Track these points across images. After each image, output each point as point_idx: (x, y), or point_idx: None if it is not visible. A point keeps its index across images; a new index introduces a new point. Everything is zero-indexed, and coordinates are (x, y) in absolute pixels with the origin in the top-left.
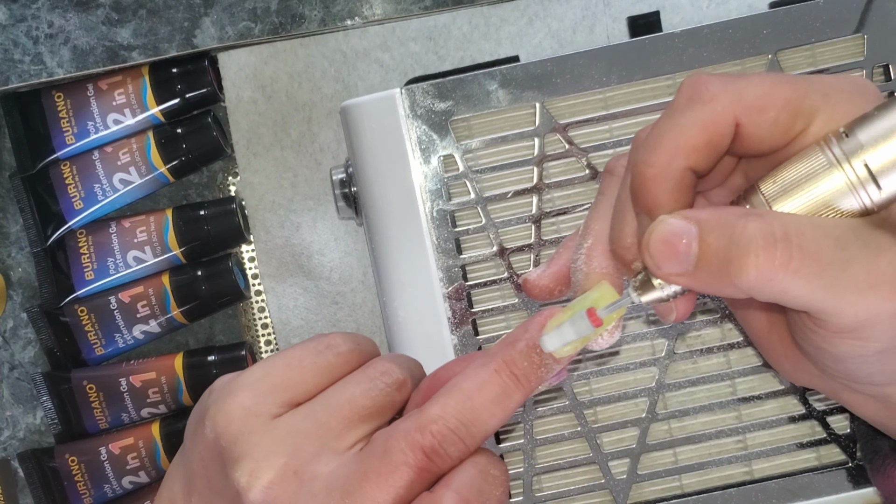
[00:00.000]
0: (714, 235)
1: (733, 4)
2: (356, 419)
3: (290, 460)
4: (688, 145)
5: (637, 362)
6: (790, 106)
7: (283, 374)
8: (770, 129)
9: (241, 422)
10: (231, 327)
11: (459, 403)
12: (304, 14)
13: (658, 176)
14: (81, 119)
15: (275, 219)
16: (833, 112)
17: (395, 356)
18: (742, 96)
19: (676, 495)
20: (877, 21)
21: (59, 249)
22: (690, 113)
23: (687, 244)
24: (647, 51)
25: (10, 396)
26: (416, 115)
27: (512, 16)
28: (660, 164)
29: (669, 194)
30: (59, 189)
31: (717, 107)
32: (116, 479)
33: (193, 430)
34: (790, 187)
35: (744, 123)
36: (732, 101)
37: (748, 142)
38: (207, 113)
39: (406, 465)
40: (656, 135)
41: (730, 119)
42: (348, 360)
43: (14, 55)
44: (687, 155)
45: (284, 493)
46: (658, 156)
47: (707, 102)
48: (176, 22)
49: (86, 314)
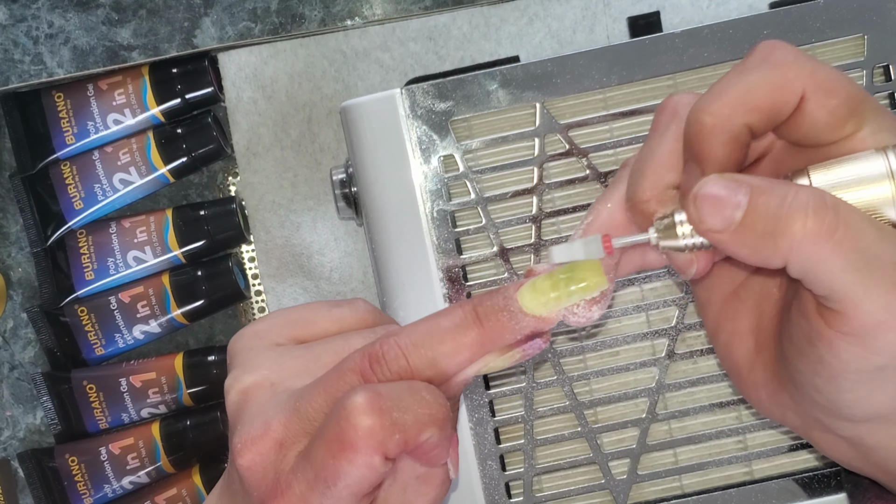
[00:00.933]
0: (765, 197)
1: (733, 4)
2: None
3: (270, 374)
4: (752, 102)
5: (637, 362)
6: (851, 102)
7: (298, 313)
8: (827, 117)
9: (247, 340)
10: (231, 327)
11: (416, 327)
12: (304, 14)
13: (717, 126)
14: (81, 119)
15: (275, 219)
16: (882, 126)
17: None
18: (815, 72)
19: (677, 495)
20: (877, 21)
21: (59, 249)
22: (762, 72)
23: (736, 203)
24: (647, 51)
25: (10, 396)
26: (416, 116)
27: (512, 16)
28: (721, 114)
29: (724, 147)
30: (59, 189)
31: (789, 73)
32: (117, 479)
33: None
34: (841, 184)
35: (808, 99)
36: (805, 73)
37: (803, 122)
38: (207, 113)
39: (351, 371)
40: (720, 87)
41: (798, 89)
42: (363, 318)
43: (14, 55)
44: (749, 111)
45: (256, 398)
46: (721, 106)
47: (780, 65)
48: (176, 22)
49: (86, 314)
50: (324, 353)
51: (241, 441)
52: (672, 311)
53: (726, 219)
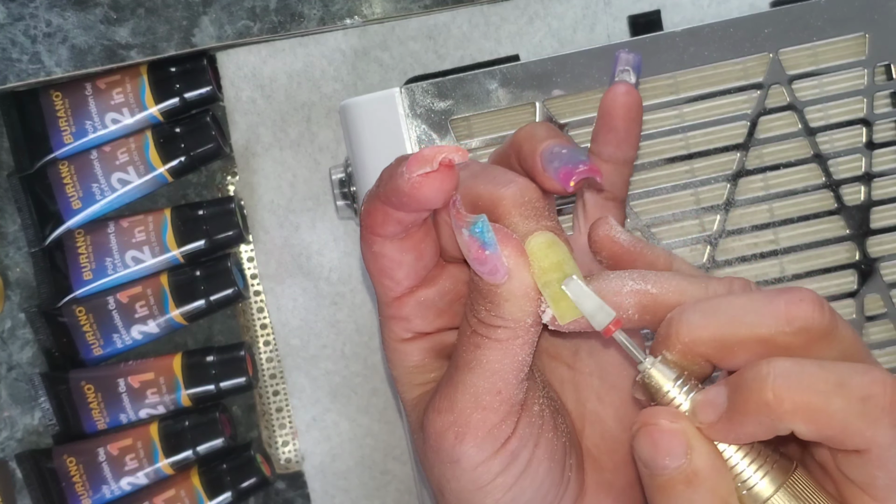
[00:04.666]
0: (681, 490)
1: (734, 3)
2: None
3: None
4: (820, 422)
5: None
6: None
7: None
8: (859, 472)
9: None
10: (230, 327)
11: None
12: (304, 13)
13: (769, 408)
14: (79, 118)
15: (274, 219)
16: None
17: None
18: (893, 444)
19: None
20: (879, 20)
21: (57, 249)
22: (849, 408)
23: (663, 466)
24: (647, 50)
25: (8, 397)
26: (415, 115)
27: (512, 15)
28: (783, 408)
29: (760, 429)
30: (57, 189)
31: (878, 436)
32: (115, 480)
33: None
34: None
35: (865, 455)
36: (890, 441)
37: (840, 459)
38: (206, 112)
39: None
40: (809, 385)
41: (866, 447)
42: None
43: (12, 54)
44: (808, 424)
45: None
46: (787, 401)
47: (872, 424)
48: (174, 21)
49: (84, 314)
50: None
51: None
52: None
53: (649, 462)
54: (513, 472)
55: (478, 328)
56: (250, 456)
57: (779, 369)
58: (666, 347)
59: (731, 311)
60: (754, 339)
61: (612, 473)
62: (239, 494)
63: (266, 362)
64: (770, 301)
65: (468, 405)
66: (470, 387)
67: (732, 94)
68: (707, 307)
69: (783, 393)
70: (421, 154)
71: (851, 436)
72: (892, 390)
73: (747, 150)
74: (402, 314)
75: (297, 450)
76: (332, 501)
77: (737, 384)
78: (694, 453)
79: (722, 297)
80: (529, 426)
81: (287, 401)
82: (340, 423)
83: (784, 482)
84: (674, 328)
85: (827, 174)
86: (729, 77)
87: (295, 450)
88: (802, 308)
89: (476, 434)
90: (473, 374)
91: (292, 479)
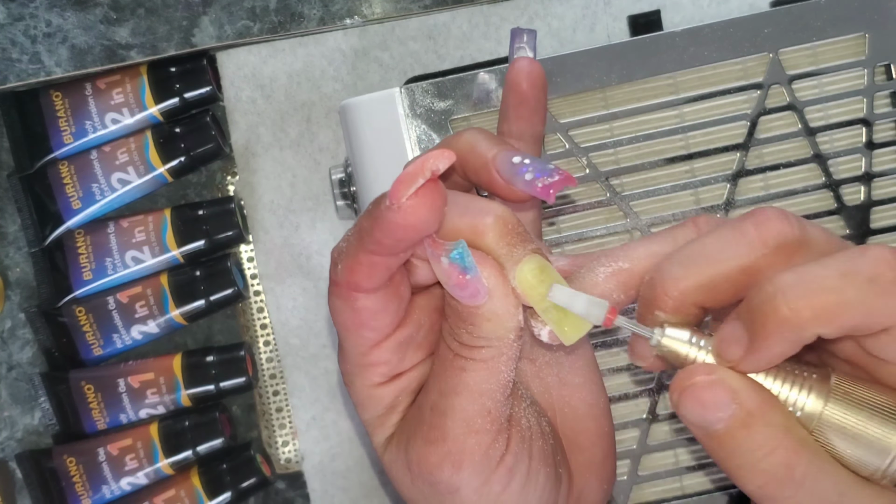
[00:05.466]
0: (744, 435)
1: (734, 3)
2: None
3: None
4: (839, 320)
5: None
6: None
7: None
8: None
9: None
10: (230, 327)
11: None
12: (304, 13)
13: (790, 323)
14: (79, 118)
15: (274, 219)
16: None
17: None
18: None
19: (677, 496)
20: (879, 20)
21: (57, 249)
22: (862, 293)
23: (717, 419)
24: (647, 50)
25: (8, 397)
26: (415, 115)
27: (512, 14)
28: (801, 317)
29: (784, 345)
30: (56, 189)
31: (890, 307)
32: (115, 480)
33: None
34: (855, 411)
35: (890, 333)
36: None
37: (871, 343)
38: (206, 112)
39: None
40: (818, 287)
41: (889, 324)
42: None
43: (12, 54)
44: (830, 325)
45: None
46: (805, 309)
47: (885, 296)
48: (174, 21)
49: (84, 314)
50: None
51: None
52: None
53: (703, 423)
54: (514, 489)
55: (461, 351)
56: (250, 456)
57: (784, 284)
58: (657, 308)
59: (707, 252)
60: (738, 271)
61: (589, 451)
62: (239, 494)
63: (266, 362)
64: (740, 231)
65: (461, 431)
66: (460, 412)
67: (732, 94)
68: (682, 257)
69: (798, 303)
70: (404, 174)
71: (876, 316)
72: (894, 261)
73: (747, 150)
74: (382, 359)
75: (297, 449)
76: (332, 501)
77: (749, 312)
78: (740, 395)
79: (693, 243)
80: (521, 440)
81: (287, 401)
82: (340, 422)
83: (829, 392)
84: (659, 288)
85: (827, 174)
86: (729, 77)
87: (295, 450)
88: (771, 227)
89: (473, 459)
90: (462, 399)
91: (292, 478)
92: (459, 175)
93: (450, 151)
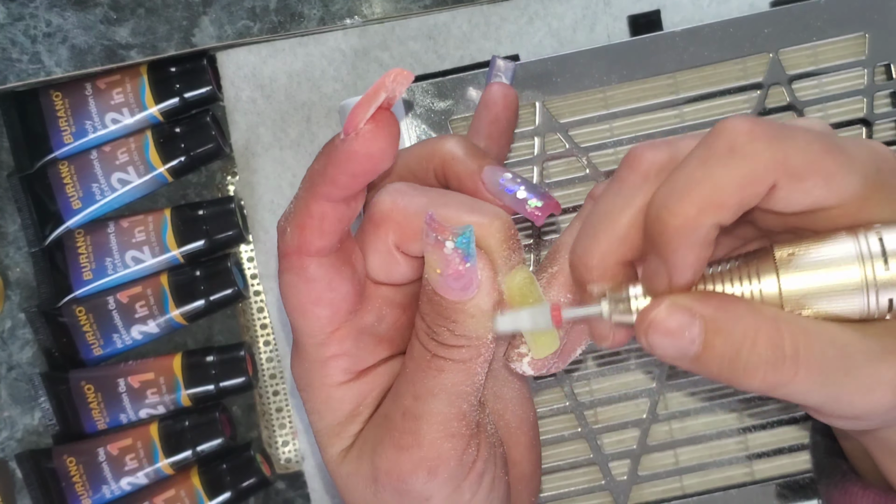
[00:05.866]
0: (721, 340)
1: (734, 3)
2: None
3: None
4: (721, 201)
5: (638, 362)
6: (831, 181)
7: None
8: (800, 198)
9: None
10: (230, 327)
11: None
12: (304, 13)
13: (683, 227)
14: (79, 118)
15: (274, 219)
16: (870, 202)
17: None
18: (787, 158)
19: (677, 496)
20: (879, 20)
21: (57, 249)
22: (729, 166)
23: (690, 339)
24: (647, 50)
25: (7, 397)
26: (415, 115)
27: (512, 14)
28: (687, 216)
29: (690, 249)
30: (57, 189)
31: (758, 166)
32: (115, 480)
33: None
34: (807, 266)
35: (780, 187)
36: (776, 163)
37: (774, 204)
38: (206, 112)
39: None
40: (685, 184)
41: (769, 181)
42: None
43: (12, 54)
44: (718, 211)
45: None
46: (687, 207)
47: (749, 158)
48: (174, 21)
49: (84, 314)
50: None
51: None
52: None
53: (681, 350)
54: (481, 497)
55: (438, 351)
56: (250, 456)
57: (661, 197)
58: (588, 282)
59: (603, 213)
60: (638, 214)
61: (521, 464)
62: (239, 494)
63: (266, 362)
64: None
65: (437, 435)
66: (437, 415)
67: (732, 94)
68: (586, 228)
69: (678, 208)
70: (361, 99)
71: (752, 181)
72: (743, 125)
73: None
74: (343, 350)
75: (297, 450)
76: (332, 501)
77: (650, 240)
78: (696, 308)
79: (591, 212)
80: (490, 446)
81: (287, 400)
82: None
83: (775, 265)
84: (579, 264)
85: None
86: (729, 77)
87: (295, 450)
88: (644, 160)
89: (448, 465)
90: (438, 401)
91: (292, 479)
92: (439, 179)
93: (408, 72)
